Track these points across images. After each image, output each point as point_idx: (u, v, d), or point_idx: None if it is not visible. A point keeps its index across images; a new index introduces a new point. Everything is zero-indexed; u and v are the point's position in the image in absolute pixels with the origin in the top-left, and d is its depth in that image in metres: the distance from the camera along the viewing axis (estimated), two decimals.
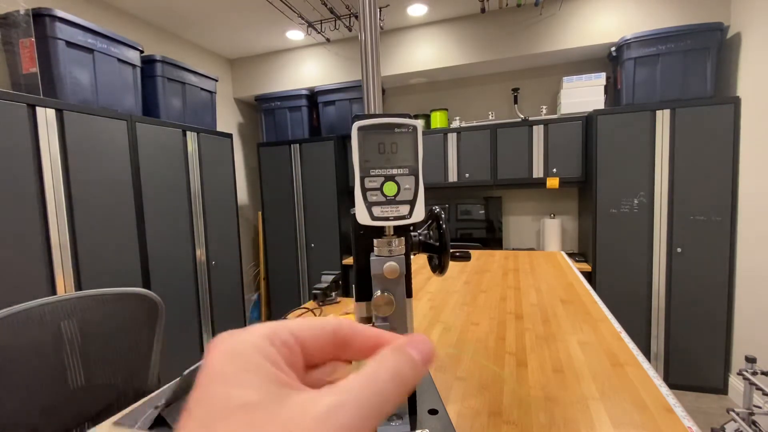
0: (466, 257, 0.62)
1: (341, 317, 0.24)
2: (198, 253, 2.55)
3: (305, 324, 0.19)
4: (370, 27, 0.54)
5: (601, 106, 2.68)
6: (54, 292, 1.75)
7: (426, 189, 0.44)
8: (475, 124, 3.09)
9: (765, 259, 2.11)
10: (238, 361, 0.16)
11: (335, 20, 2.78)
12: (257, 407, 0.14)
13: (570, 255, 2.93)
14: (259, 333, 0.17)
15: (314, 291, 1.36)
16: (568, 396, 0.64)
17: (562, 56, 2.91)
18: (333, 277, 1.41)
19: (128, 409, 0.80)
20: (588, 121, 2.70)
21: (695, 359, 2.43)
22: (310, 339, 0.19)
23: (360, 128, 0.42)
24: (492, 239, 3.23)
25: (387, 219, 0.43)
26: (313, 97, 3.42)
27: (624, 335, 0.91)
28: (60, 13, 1.80)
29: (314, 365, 0.19)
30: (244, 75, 3.68)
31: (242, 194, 3.84)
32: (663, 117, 2.40)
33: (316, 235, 3.38)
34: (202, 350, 2.58)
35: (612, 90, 2.78)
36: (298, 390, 0.16)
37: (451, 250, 0.51)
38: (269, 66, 3.57)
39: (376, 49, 0.55)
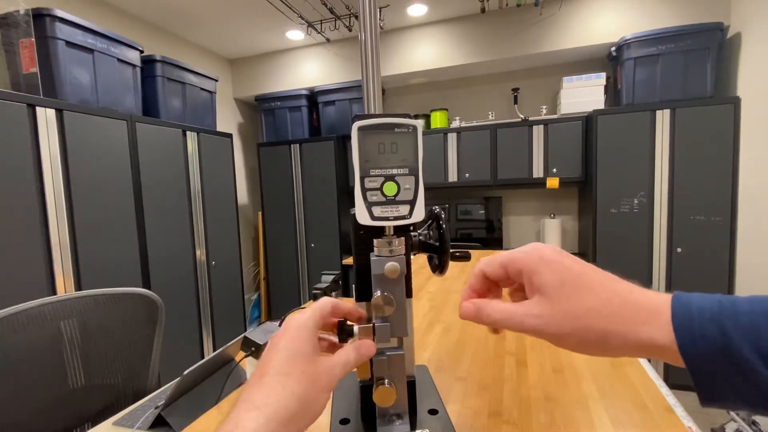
0: (466, 257, 0.62)
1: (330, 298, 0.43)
2: (198, 253, 2.55)
3: (326, 303, 0.41)
4: (370, 27, 0.54)
5: (601, 106, 2.68)
6: (54, 292, 1.75)
7: (426, 189, 0.44)
8: (475, 124, 3.09)
9: (765, 259, 2.11)
10: (303, 330, 0.37)
11: (335, 20, 2.78)
12: (309, 355, 0.36)
13: None
14: (312, 313, 0.38)
15: (314, 291, 1.36)
16: (568, 396, 0.64)
17: (562, 56, 2.91)
18: (333, 277, 1.40)
19: (128, 409, 0.80)
20: (588, 121, 2.70)
21: None
22: (329, 311, 0.41)
23: (360, 128, 0.42)
24: (492, 239, 3.23)
25: (387, 219, 0.43)
26: (313, 97, 3.42)
27: None
28: (60, 13, 1.80)
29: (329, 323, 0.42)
30: (244, 75, 3.68)
31: (242, 194, 3.84)
32: (663, 117, 2.40)
33: (316, 235, 3.38)
34: (202, 350, 2.58)
35: (612, 90, 2.78)
36: (320, 355, 0.37)
37: (451, 250, 0.51)
38: (269, 66, 3.57)
39: (376, 49, 0.55)
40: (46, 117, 1.72)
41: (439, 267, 0.52)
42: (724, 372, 0.25)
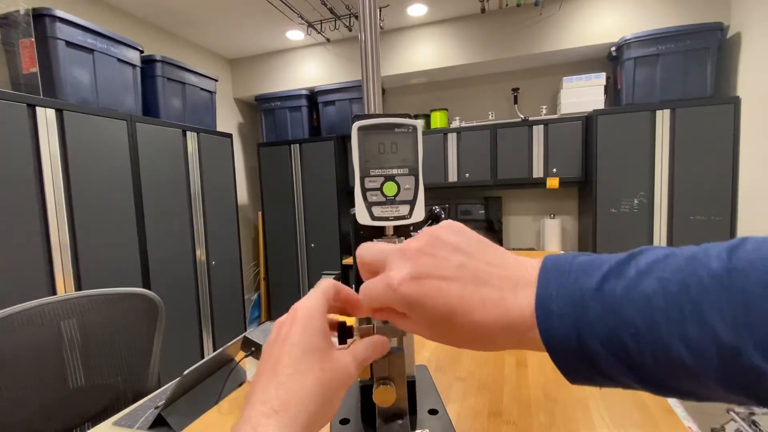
0: None
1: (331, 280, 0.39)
2: (198, 253, 2.55)
3: (330, 285, 0.36)
4: (370, 27, 0.54)
5: (601, 106, 2.68)
6: (54, 292, 1.75)
7: (426, 189, 0.44)
8: (475, 124, 3.09)
9: None
10: (314, 321, 0.33)
11: (335, 20, 2.78)
12: (324, 350, 0.32)
13: None
14: (319, 300, 0.34)
15: None
16: (568, 396, 0.64)
17: (562, 56, 2.91)
18: (333, 277, 1.40)
19: (128, 409, 0.80)
20: (588, 121, 2.70)
21: None
22: (333, 294, 0.36)
23: (360, 128, 0.42)
24: (492, 239, 3.20)
25: (387, 219, 0.43)
26: (313, 97, 3.42)
27: None
28: (60, 13, 1.80)
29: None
30: (244, 75, 3.67)
31: (242, 194, 3.84)
32: (663, 117, 2.40)
33: (316, 235, 3.38)
34: (202, 350, 2.58)
35: (612, 90, 2.78)
36: (333, 347, 0.33)
37: None
38: (269, 66, 3.56)
39: (376, 49, 0.55)
40: (46, 117, 1.72)
41: None
42: (578, 362, 0.26)
